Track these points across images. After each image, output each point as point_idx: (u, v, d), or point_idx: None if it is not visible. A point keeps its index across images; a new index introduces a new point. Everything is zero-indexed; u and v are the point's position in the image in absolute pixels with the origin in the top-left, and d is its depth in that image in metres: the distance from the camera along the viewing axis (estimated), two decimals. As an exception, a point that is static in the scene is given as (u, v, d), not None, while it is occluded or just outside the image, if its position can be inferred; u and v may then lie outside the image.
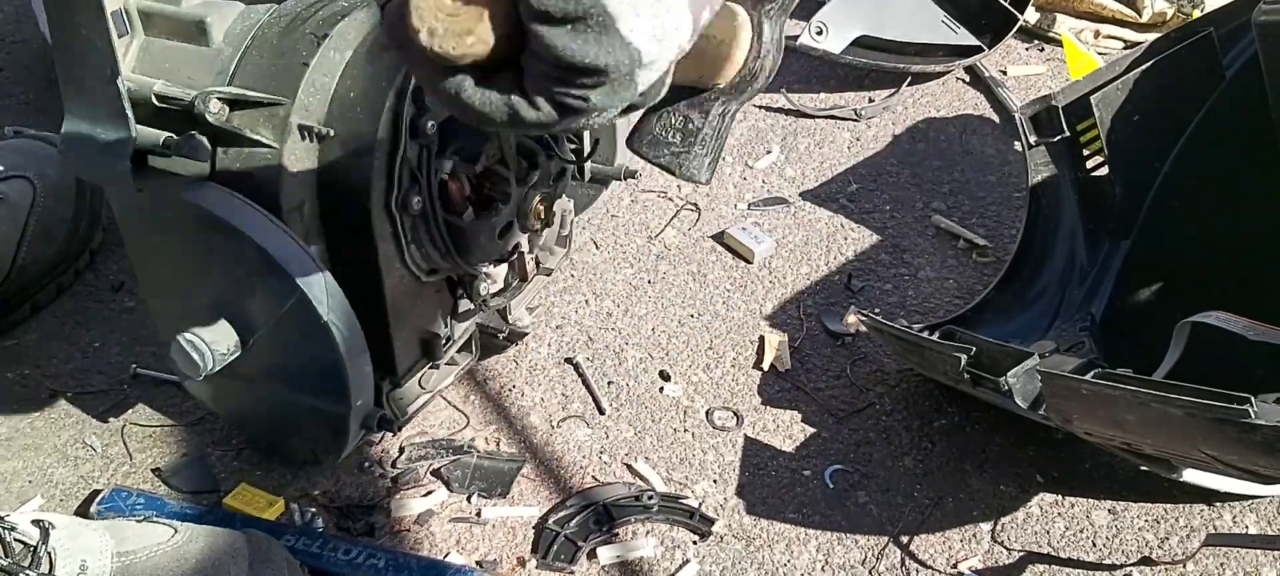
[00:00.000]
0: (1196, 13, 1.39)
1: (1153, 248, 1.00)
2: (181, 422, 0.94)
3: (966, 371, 0.82)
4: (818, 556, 0.84)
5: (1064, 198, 1.04)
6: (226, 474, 0.90)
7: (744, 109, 1.33)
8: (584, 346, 1.02)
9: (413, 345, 0.85)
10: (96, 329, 1.03)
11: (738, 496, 0.89)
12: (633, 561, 0.83)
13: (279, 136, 0.73)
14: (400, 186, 0.75)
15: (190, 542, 0.74)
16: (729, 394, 0.98)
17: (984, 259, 1.12)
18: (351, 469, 0.90)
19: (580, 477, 0.90)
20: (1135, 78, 0.99)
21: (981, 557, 0.84)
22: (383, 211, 0.75)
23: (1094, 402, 0.72)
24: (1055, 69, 1.42)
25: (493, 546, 0.85)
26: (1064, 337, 0.97)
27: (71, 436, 0.93)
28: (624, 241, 1.15)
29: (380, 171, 0.74)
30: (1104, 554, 0.84)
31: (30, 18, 1.38)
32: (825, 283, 1.10)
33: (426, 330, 0.86)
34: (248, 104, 0.74)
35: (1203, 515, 0.86)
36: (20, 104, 1.33)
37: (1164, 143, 1.00)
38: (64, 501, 0.87)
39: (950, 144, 1.28)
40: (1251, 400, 0.62)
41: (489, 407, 0.96)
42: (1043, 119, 1.01)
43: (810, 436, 0.94)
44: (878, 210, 1.19)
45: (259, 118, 0.74)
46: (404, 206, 0.76)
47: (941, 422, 0.95)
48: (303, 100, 0.74)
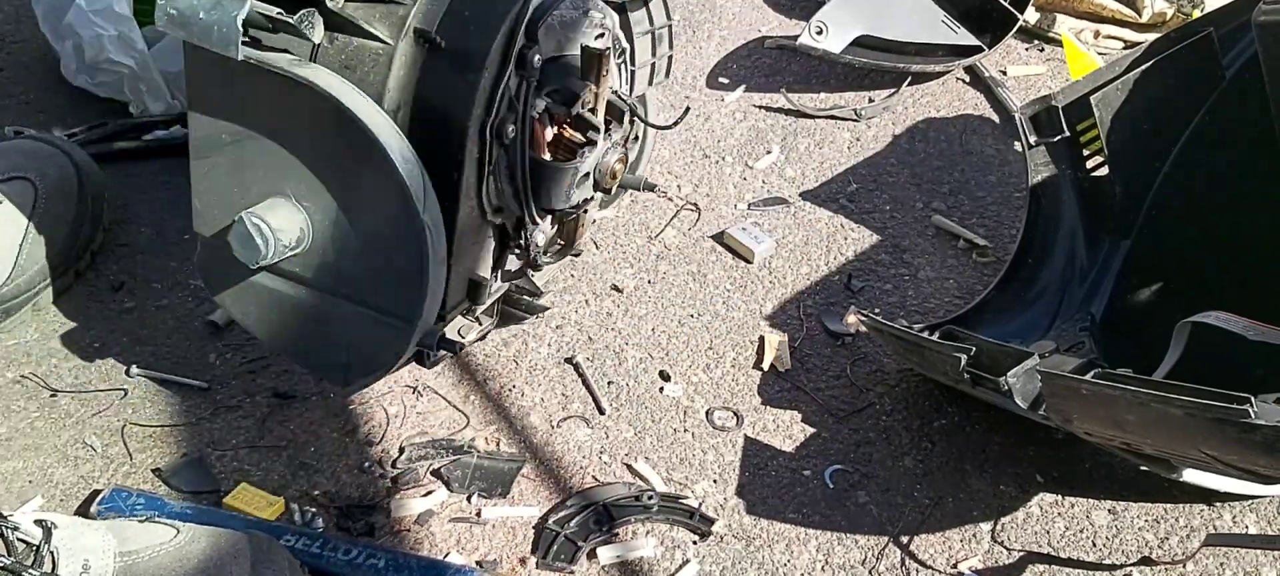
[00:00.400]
0: (1196, 13, 1.39)
1: (1153, 248, 1.00)
2: (181, 422, 0.94)
3: (966, 371, 0.82)
4: (818, 556, 0.84)
5: (1064, 198, 1.04)
6: (226, 474, 0.90)
7: (745, 108, 1.33)
8: (584, 346, 1.03)
9: (462, 284, 0.83)
10: (97, 329, 1.03)
11: (738, 496, 0.89)
12: (633, 561, 0.83)
13: (394, 34, 0.73)
14: (498, 112, 0.74)
15: (192, 543, 0.74)
16: (729, 394, 0.98)
17: (984, 259, 1.12)
18: (352, 469, 0.90)
19: (580, 477, 0.90)
20: (1135, 78, 0.99)
21: (981, 557, 0.84)
22: (478, 133, 0.74)
23: (1094, 402, 0.72)
24: (1055, 69, 1.42)
25: (493, 546, 0.85)
26: (1064, 337, 0.97)
27: (71, 436, 0.93)
28: (624, 241, 1.15)
29: (484, 92, 0.73)
30: (1104, 554, 0.84)
31: (30, 18, 1.38)
32: (825, 283, 1.10)
33: (476, 272, 0.84)
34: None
35: (1203, 515, 0.86)
36: (20, 104, 1.33)
37: (1164, 143, 1.00)
38: (64, 501, 0.87)
39: (950, 144, 1.29)
40: (1251, 400, 0.62)
41: (489, 407, 0.96)
42: (1043, 119, 1.01)
43: (810, 436, 0.94)
44: (878, 210, 1.19)
45: (376, 12, 0.73)
46: (499, 133, 0.75)
47: (941, 422, 0.95)
48: (423, 4, 0.73)
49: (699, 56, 1.44)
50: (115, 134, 1.25)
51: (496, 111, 0.74)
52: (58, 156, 1.06)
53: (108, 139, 1.24)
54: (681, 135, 1.29)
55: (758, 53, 1.44)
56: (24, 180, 1.02)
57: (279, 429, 0.93)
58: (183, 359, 0.99)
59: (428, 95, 0.75)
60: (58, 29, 1.27)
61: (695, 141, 1.29)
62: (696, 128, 1.31)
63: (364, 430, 0.93)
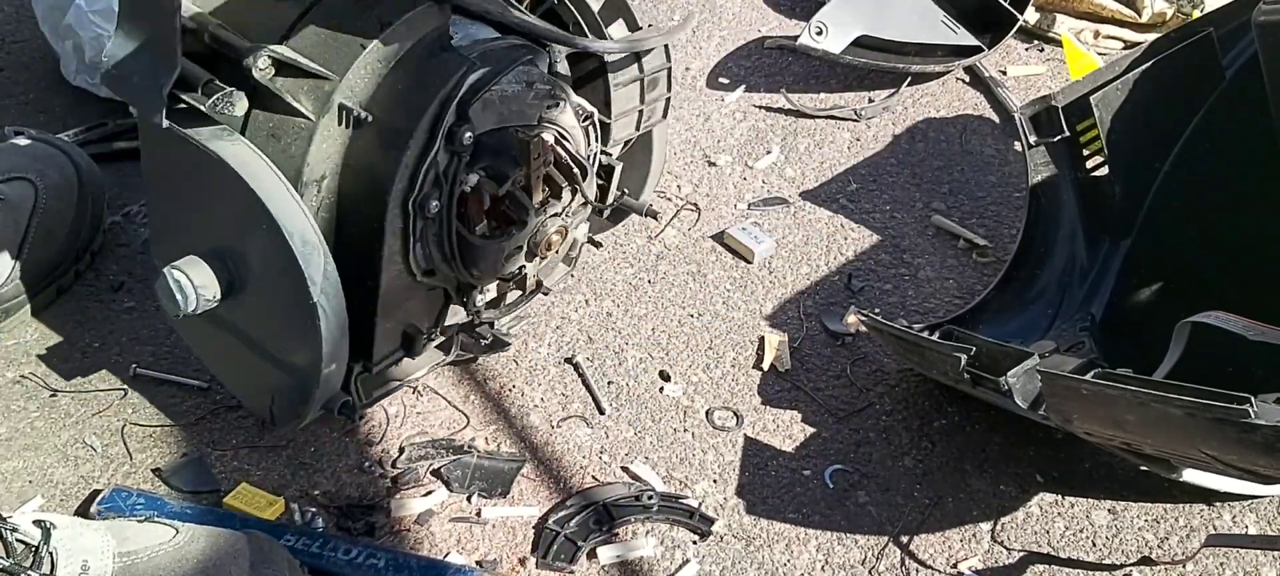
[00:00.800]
0: (1196, 13, 1.39)
1: (1153, 248, 1.00)
2: (181, 422, 0.94)
3: (966, 371, 0.82)
4: (818, 556, 0.84)
5: (1064, 198, 1.04)
6: (226, 474, 0.90)
7: (745, 108, 1.33)
8: (584, 346, 1.03)
9: (394, 336, 0.85)
10: (97, 329, 1.03)
11: (738, 496, 0.89)
12: (633, 561, 0.83)
13: (318, 110, 0.74)
14: (422, 187, 0.75)
15: (191, 543, 0.74)
16: (729, 394, 0.98)
17: (984, 259, 1.12)
18: (352, 469, 0.90)
19: (580, 477, 0.90)
20: (1135, 78, 0.99)
21: (981, 557, 0.84)
22: (399, 207, 0.75)
23: (1094, 402, 0.72)
24: (1055, 69, 1.42)
25: (493, 546, 0.85)
26: (1064, 337, 0.97)
27: (71, 436, 0.93)
28: (624, 241, 1.15)
29: (406, 168, 0.74)
30: (1104, 554, 0.84)
31: (30, 18, 1.38)
32: (825, 283, 1.10)
33: (411, 325, 0.86)
34: (298, 69, 0.74)
35: (1203, 515, 0.86)
36: (20, 104, 1.33)
37: (1164, 143, 1.00)
38: (64, 501, 0.87)
39: (950, 144, 1.29)
40: (1251, 400, 0.62)
41: (489, 407, 0.96)
42: (1043, 119, 1.01)
43: (810, 436, 0.94)
44: (878, 210, 1.19)
45: (303, 86, 0.74)
46: (421, 207, 0.76)
47: (941, 422, 0.95)
48: (350, 81, 0.74)
49: (699, 56, 1.44)
50: (115, 134, 1.25)
51: (420, 187, 0.75)
52: (58, 156, 1.06)
53: (108, 139, 1.24)
54: (682, 135, 1.29)
55: (758, 53, 1.44)
56: (24, 180, 1.02)
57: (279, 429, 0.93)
58: (183, 359, 0.99)
59: (354, 167, 0.76)
60: (58, 29, 1.27)
61: (695, 141, 1.29)
62: (696, 128, 1.31)
63: (364, 430, 0.93)
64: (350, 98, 0.75)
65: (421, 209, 0.76)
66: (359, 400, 0.86)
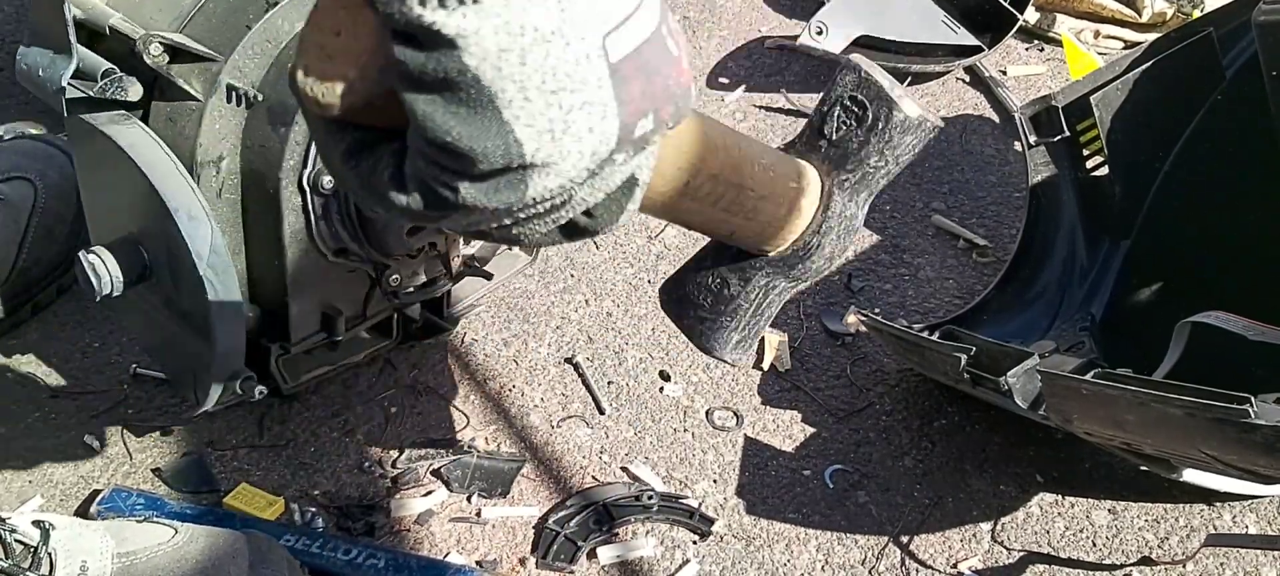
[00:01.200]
0: (1196, 13, 1.39)
1: (1153, 248, 1.00)
2: (181, 422, 0.94)
3: (966, 371, 0.82)
4: (818, 556, 0.84)
5: (1064, 198, 1.03)
6: (226, 474, 0.90)
7: (744, 108, 1.33)
8: (584, 346, 1.02)
9: (312, 318, 0.86)
10: (96, 329, 1.03)
11: (738, 496, 0.89)
12: (633, 561, 0.83)
13: (206, 91, 0.76)
14: (315, 163, 0.76)
15: (190, 543, 0.74)
16: (729, 394, 0.98)
17: (984, 259, 1.12)
18: (351, 469, 0.90)
19: (580, 477, 0.90)
20: (1135, 78, 0.99)
21: (981, 557, 0.84)
22: (294, 184, 0.77)
23: (1094, 402, 0.72)
24: (1055, 69, 1.42)
25: (493, 546, 0.85)
26: (1064, 337, 0.97)
27: (71, 436, 0.93)
28: (624, 241, 1.15)
29: (296, 145, 0.75)
30: (1104, 554, 0.84)
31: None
32: (825, 283, 1.10)
33: (331, 305, 0.86)
34: (189, 53, 0.75)
35: (1203, 515, 0.86)
36: (20, 104, 1.33)
37: (1164, 143, 1.00)
38: (64, 501, 0.87)
39: (950, 144, 1.28)
40: (1251, 400, 0.62)
41: (489, 407, 0.96)
42: (1043, 119, 1.01)
43: (810, 436, 0.94)
44: (878, 210, 1.19)
45: (194, 70, 0.76)
46: (314, 185, 0.77)
47: (941, 422, 0.95)
48: (236, 61, 0.76)
49: (699, 56, 1.44)
50: (115, 134, 1.24)
51: (314, 163, 0.76)
52: (58, 156, 1.06)
53: (108, 139, 1.24)
54: (681, 135, 1.29)
55: (758, 53, 1.44)
56: (24, 180, 1.02)
57: (279, 429, 0.93)
58: (182, 359, 0.99)
59: (251, 146, 0.78)
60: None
61: (695, 141, 1.28)
62: (696, 128, 1.31)
63: (364, 430, 0.94)
64: (238, 77, 0.76)
65: (315, 186, 0.77)
66: (283, 381, 0.86)
